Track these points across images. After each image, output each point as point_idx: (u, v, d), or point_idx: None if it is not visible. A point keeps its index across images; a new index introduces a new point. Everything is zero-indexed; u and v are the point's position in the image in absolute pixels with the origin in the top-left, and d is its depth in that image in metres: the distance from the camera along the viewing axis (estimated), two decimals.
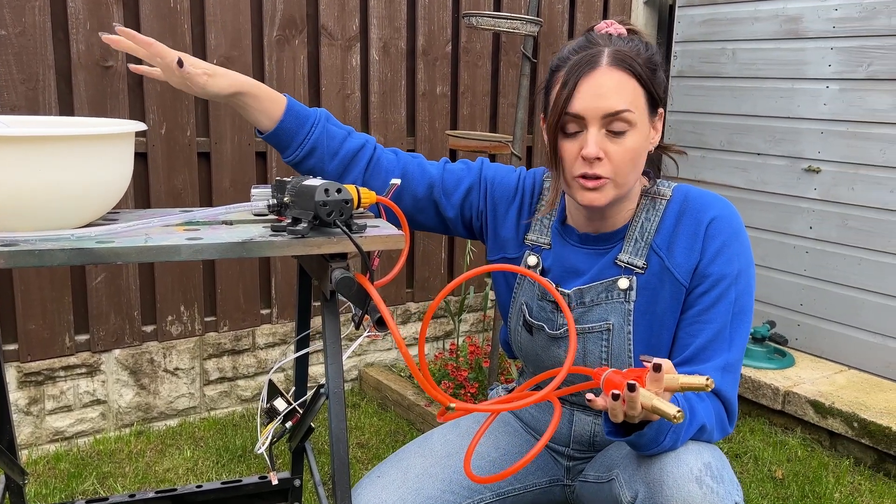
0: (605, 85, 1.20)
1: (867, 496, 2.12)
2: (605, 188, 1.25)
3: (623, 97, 1.21)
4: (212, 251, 0.99)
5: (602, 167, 1.22)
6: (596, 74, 1.21)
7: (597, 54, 1.22)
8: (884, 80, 2.52)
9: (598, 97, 1.20)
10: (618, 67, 1.21)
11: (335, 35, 2.61)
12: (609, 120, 1.21)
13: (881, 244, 2.57)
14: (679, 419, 1.01)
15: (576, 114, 1.21)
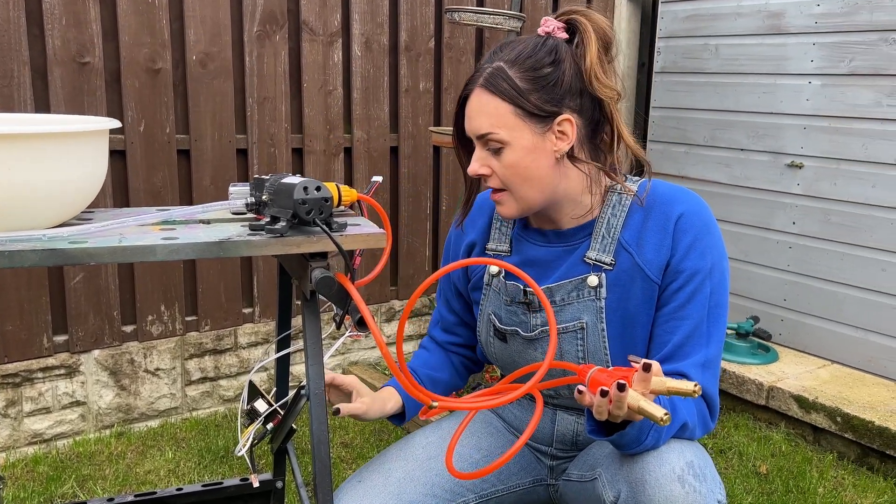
0: (473, 108, 1.26)
1: (850, 490, 2.13)
2: (506, 200, 1.30)
3: (486, 119, 1.25)
4: (188, 251, 0.97)
5: (493, 181, 1.29)
6: (472, 97, 1.27)
7: (476, 76, 1.27)
8: (865, 75, 2.53)
9: (468, 119, 1.27)
10: (485, 89, 1.25)
11: (317, 30, 2.58)
12: (483, 140, 1.26)
13: (863, 239, 2.58)
14: (666, 422, 1.00)
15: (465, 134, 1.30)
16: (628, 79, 3.41)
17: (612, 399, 1.05)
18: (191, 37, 2.37)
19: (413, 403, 1.46)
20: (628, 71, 3.41)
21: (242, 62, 2.48)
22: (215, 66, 2.42)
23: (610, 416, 1.08)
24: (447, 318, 1.56)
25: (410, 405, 1.45)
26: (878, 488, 2.14)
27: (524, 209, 1.30)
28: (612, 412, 1.06)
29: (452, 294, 1.55)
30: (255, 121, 2.52)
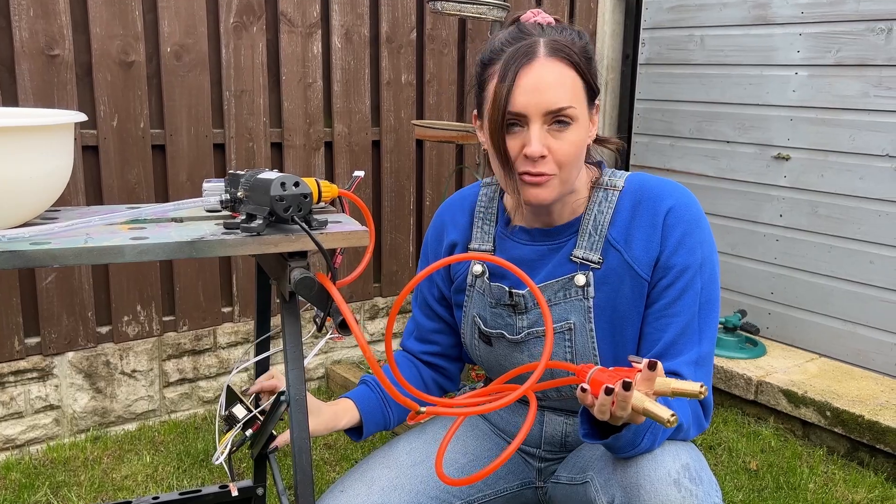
0: (545, 79, 1.13)
1: (841, 486, 2.11)
2: (551, 184, 1.19)
3: (564, 91, 1.15)
4: (158, 252, 0.92)
5: (546, 164, 1.17)
6: (535, 66, 1.14)
7: (532, 45, 1.15)
8: (852, 65, 2.50)
9: (538, 92, 1.13)
10: (556, 57, 1.15)
11: (295, 22, 2.52)
12: (551, 115, 1.15)
13: (851, 231, 2.56)
14: (672, 423, 0.95)
15: (517, 112, 1.14)
16: (612, 71, 3.37)
17: (616, 399, 1.00)
18: (165, 28, 2.29)
19: (373, 419, 1.39)
20: (613, 63, 3.37)
21: (219, 54, 2.41)
22: (191, 59, 2.35)
23: (611, 418, 1.03)
24: (425, 325, 1.49)
25: (369, 420, 1.39)
26: (869, 483, 2.12)
27: (562, 193, 1.21)
28: (616, 413, 1.01)
29: (434, 298, 1.48)
30: (233, 115, 2.45)
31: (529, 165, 1.16)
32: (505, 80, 1.14)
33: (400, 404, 1.45)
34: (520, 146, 1.17)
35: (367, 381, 1.45)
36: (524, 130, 1.16)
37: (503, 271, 1.35)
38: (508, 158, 1.18)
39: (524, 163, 1.17)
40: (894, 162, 2.43)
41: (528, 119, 1.15)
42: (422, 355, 1.52)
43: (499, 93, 1.15)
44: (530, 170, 1.17)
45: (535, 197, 1.19)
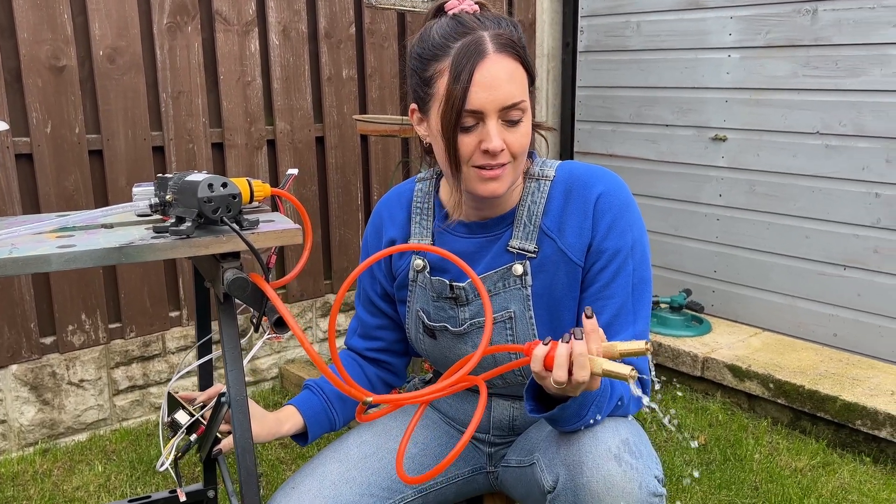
0: (499, 75, 1.15)
1: (785, 454, 2.18)
2: (504, 175, 1.21)
3: (516, 85, 1.17)
4: (85, 259, 0.91)
5: (503, 157, 1.19)
6: (487, 64, 1.15)
7: (480, 41, 1.16)
8: (781, 46, 2.57)
9: (494, 89, 1.15)
10: (504, 53, 1.16)
11: (231, 20, 2.49)
12: (506, 111, 1.17)
13: (787, 208, 2.63)
14: (634, 377, 0.97)
15: (474, 110, 1.16)
16: (553, 59, 3.41)
17: (574, 360, 1.01)
18: (96, 31, 2.25)
19: (317, 422, 1.40)
20: (553, 52, 3.41)
21: (153, 56, 2.37)
22: (124, 61, 2.31)
23: (569, 386, 1.04)
24: (368, 322, 1.50)
25: (314, 424, 1.39)
26: (811, 450, 2.20)
27: (512, 183, 1.23)
28: (575, 376, 1.02)
29: (377, 294, 1.49)
30: (171, 116, 2.42)
31: (488, 159, 1.18)
32: (459, 79, 1.15)
33: (345, 405, 1.46)
34: (476, 142, 1.18)
35: (309, 385, 1.46)
36: (479, 126, 1.17)
37: (444, 265, 1.36)
38: (461, 156, 1.19)
39: (482, 157, 1.18)
40: (824, 139, 2.51)
41: (484, 115, 1.16)
42: (366, 352, 1.53)
43: (454, 92, 1.15)
44: (490, 163, 1.18)
45: (492, 191, 1.21)
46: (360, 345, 1.53)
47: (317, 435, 1.43)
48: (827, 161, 2.51)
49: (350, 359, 1.53)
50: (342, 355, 1.54)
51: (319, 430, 1.43)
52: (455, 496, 1.53)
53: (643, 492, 1.14)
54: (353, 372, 1.50)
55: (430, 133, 1.26)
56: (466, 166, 1.20)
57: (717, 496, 1.97)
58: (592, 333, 1.03)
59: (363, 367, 1.52)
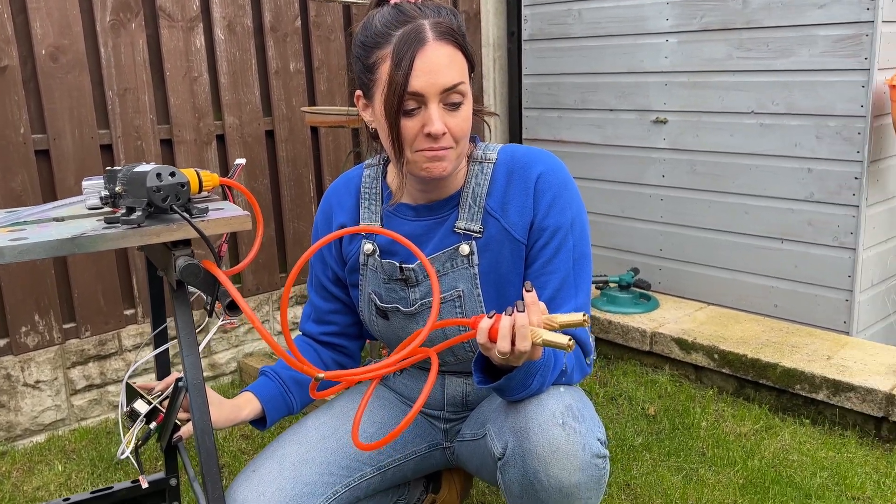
0: (439, 61, 1.21)
1: (730, 421, 2.28)
2: (449, 157, 1.27)
3: (455, 70, 1.23)
4: (38, 250, 0.93)
5: (445, 140, 1.24)
6: (427, 51, 1.21)
7: (420, 28, 1.22)
8: (716, 30, 2.67)
9: (434, 74, 1.20)
10: (444, 40, 1.22)
11: (175, 16, 2.49)
12: (446, 94, 1.22)
13: (727, 185, 2.74)
14: (571, 347, 1.03)
15: (415, 92, 1.21)
16: (499, 49, 3.46)
17: (516, 331, 1.06)
18: (37, 30, 2.24)
19: (275, 407, 1.44)
20: (498, 41, 3.46)
21: (98, 54, 2.36)
22: (68, 60, 2.30)
23: (511, 356, 1.10)
24: (321, 307, 1.54)
25: (272, 408, 1.43)
26: (755, 415, 2.30)
27: (457, 165, 1.30)
28: (518, 346, 1.07)
29: (329, 279, 1.53)
30: (118, 114, 2.41)
31: (431, 142, 1.24)
32: (401, 65, 1.20)
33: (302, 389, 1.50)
34: (419, 126, 1.23)
35: (265, 371, 1.49)
36: (422, 111, 1.22)
37: (393, 248, 1.41)
38: (404, 139, 1.24)
39: (425, 140, 1.24)
40: (759, 118, 2.61)
41: (425, 99, 1.21)
42: (321, 336, 1.57)
43: (395, 78, 1.20)
44: (433, 146, 1.24)
45: (439, 172, 1.26)
46: (315, 329, 1.57)
47: (275, 419, 1.46)
48: (762, 139, 2.62)
49: (305, 343, 1.57)
50: (297, 341, 1.58)
51: (277, 415, 1.47)
52: (413, 472, 1.58)
53: (586, 453, 1.20)
54: (308, 356, 1.54)
55: (374, 118, 1.30)
56: (410, 150, 1.25)
57: (666, 462, 2.05)
58: (532, 306, 1.09)
59: (318, 351, 1.56)
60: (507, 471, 1.25)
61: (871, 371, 2.22)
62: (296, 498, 1.35)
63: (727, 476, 1.98)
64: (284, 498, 1.33)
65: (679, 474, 2.00)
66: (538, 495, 1.22)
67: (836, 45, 2.39)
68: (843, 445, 2.12)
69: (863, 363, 2.28)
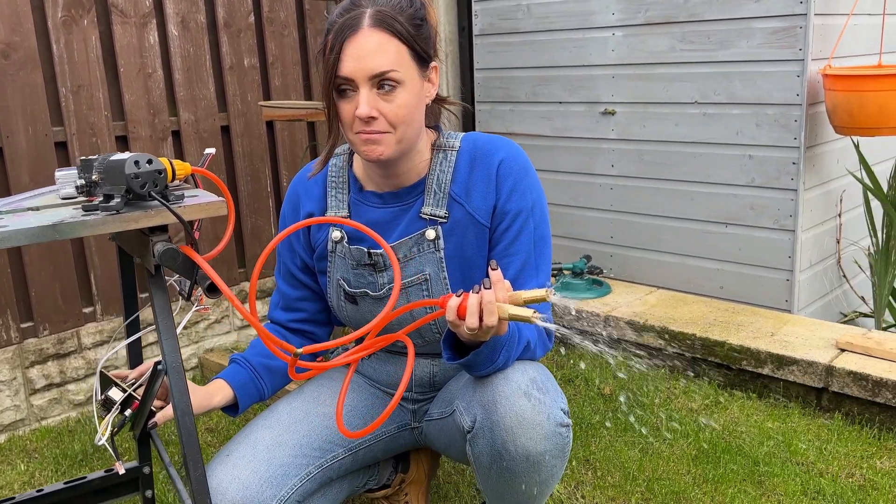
0: (366, 47, 1.25)
1: (682, 397, 2.39)
2: (386, 141, 1.30)
3: (386, 57, 1.26)
4: (20, 237, 0.96)
5: (378, 124, 1.29)
6: (358, 37, 1.26)
7: (359, 16, 1.27)
8: (659, 24, 2.77)
9: (361, 59, 1.25)
10: (378, 28, 1.27)
11: (127, 12, 2.49)
12: (376, 80, 1.27)
13: (673, 173, 2.84)
14: (536, 319, 1.10)
15: (345, 77, 1.27)
16: (451, 43, 3.52)
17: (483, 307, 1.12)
18: None
19: (246, 393, 1.47)
20: (450, 36, 3.52)
21: (50, 50, 2.34)
22: (19, 57, 2.28)
23: (480, 332, 1.15)
24: (290, 294, 1.58)
25: (243, 395, 1.46)
26: (705, 391, 2.41)
27: (401, 151, 1.33)
28: (486, 321, 1.13)
29: (297, 267, 1.57)
30: (72, 111, 2.40)
31: (363, 125, 1.29)
32: (332, 50, 1.26)
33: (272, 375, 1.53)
34: (353, 109, 1.28)
35: (235, 359, 1.52)
36: (356, 95, 1.27)
37: (361, 235, 1.46)
38: (341, 120, 1.30)
39: (359, 124, 1.29)
40: (702, 108, 2.73)
41: (356, 84, 1.27)
42: (290, 323, 1.60)
43: (327, 61, 1.27)
44: (365, 129, 1.29)
45: (372, 153, 1.31)
46: (283, 317, 1.60)
47: (246, 405, 1.50)
48: (705, 128, 2.73)
49: (274, 331, 1.60)
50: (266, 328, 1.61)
51: (249, 401, 1.50)
52: (384, 453, 1.63)
53: (551, 423, 1.27)
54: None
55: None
56: (351, 132, 1.31)
57: (622, 438, 2.14)
58: (498, 283, 1.15)
59: (287, 338, 1.59)
60: (476, 443, 1.31)
61: (812, 346, 2.35)
62: (270, 479, 1.38)
63: (680, 448, 2.08)
64: (259, 479, 1.37)
65: (635, 448, 2.09)
66: (506, 465, 1.29)
67: (772, 36, 2.51)
68: (787, 416, 2.24)
69: (804, 338, 2.40)
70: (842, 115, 2.45)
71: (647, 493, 1.88)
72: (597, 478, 1.96)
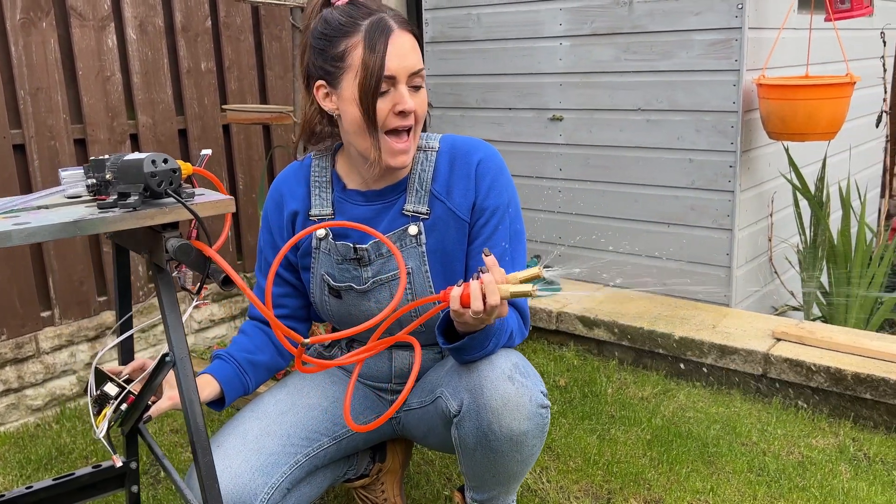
0: (406, 46, 1.36)
1: (632, 387, 2.52)
2: (411, 143, 1.42)
3: (418, 56, 1.38)
4: (44, 233, 1.00)
5: (411, 119, 1.39)
6: (396, 37, 1.35)
7: (385, 18, 1.36)
8: (605, 34, 2.92)
9: (403, 57, 1.35)
10: (406, 30, 1.38)
11: (86, 15, 2.48)
12: (413, 77, 1.37)
13: (617, 177, 3.00)
14: (535, 293, 1.20)
15: (390, 74, 1.35)
16: None
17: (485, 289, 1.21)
18: None
19: (232, 388, 1.51)
20: None
21: (8, 52, 2.33)
22: None
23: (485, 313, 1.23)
24: (273, 291, 1.61)
25: (230, 389, 1.51)
26: (653, 381, 2.56)
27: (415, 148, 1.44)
28: (489, 301, 1.21)
29: (281, 265, 1.62)
30: (30, 114, 2.38)
31: (402, 121, 1.37)
32: (375, 49, 1.33)
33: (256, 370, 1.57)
34: (389, 106, 1.37)
35: (220, 355, 1.57)
36: (392, 92, 1.36)
37: (345, 230, 1.53)
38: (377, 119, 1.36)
39: (396, 119, 1.37)
40: (645, 115, 2.88)
41: (396, 81, 1.36)
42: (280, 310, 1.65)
43: (370, 61, 1.33)
44: (402, 124, 1.38)
45: (401, 162, 1.41)
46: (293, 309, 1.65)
47: (232, 399, 1.54)
48: (649, 134, 2.89)
49: (255, 328, 1.65)
50: (247, 326, 1.66)
51: (235, 395, 1.55)
52: (364, 442, 1.70)
53: (533, 404, 1.37)
54: (259, 339, 1.62)
55: (340, 105, 1.41)
56: (380, 132, 1.38)
57: (581, 426, 2.26)
58: (494, 267, 1.24)
59: (269, 334, 1.64)
60: (462, 426, 1.40)
61: (750, 336, 2.52)
62: (261, 468, 1.43)
63: (635, 434, 2.21)
64: (250, 469, 1.42)
65: (593, 435, 2.21)
66: (491, 445, 1.38)
67: (710, 48, 2.69)
68: (730, 401, 2.40)
69: (742, 329, 2.58)
70: (774, 121, 2.65)
71: (608, 475, 2.00)
72: (560, 463, 2.07)
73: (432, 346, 1.62)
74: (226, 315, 3.05)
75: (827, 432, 2.21)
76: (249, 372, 1.57)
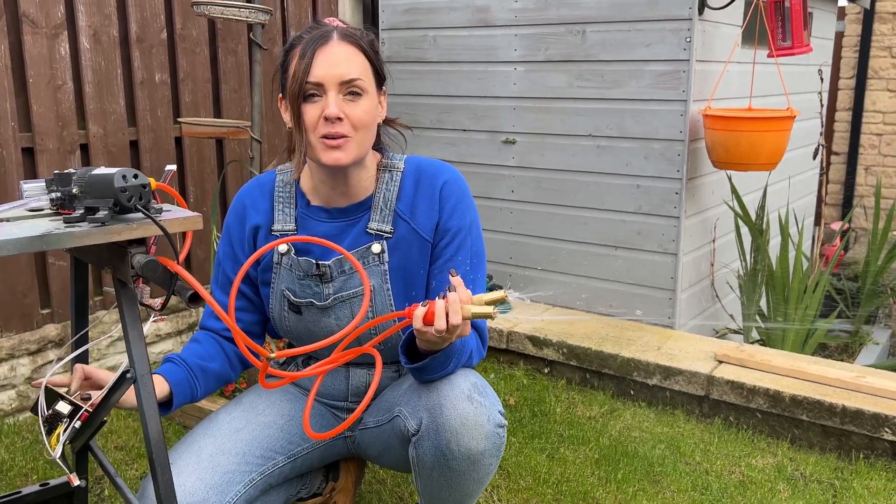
0: (339, 55, 1.40)
1: (580, 406, 2.58)
2: (348, 146, 1.42)
3: (354, 66, 1.41)
4: (10, 247, 0.98)
5: (342, 126, 1.40)
6: (330, 46, 1.40)
7: (328, 31, 1.42)
8: (558, 62, 3.00)
9: (333, 66, 1.39)
10: (347, 41, 1.42)
11: (39, 23, 2.44)
12: (345, 86, 1.39)
13: (568, 200, 3.07)
14: (496, 315, 1.23)
15: (315, 81, 1.38)
16: None
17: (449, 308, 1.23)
18: None
19: (181, 391, 1.49)
20: None
21: None
22: None
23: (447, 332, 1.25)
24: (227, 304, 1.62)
25: (179, 392, 1.48)
26: (600, 400, 2.61)
27: (358, 156, 1.44)
28: (452, 321, 1.23)
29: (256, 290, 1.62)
30: None
31: (329, 127, 1.39)
32: (304, 56, 1.38)
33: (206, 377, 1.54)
34: (319, 112, 1.39)
35: (171, 358, 1.54)
36: (322, 99, 1.39)
37: (308, 246, 1.54)
38: (305, 124, 1.40)
39: (324, 126, 1.39)
40: (596, 140, 2.96)
41: (325, 88, 1.39)
42: (225, 332, 1.63)
43: (298, 67, 1.39)
44: (329, 131, 1.39)
45: (333, 159, 1.41)
46: (219, 325, 1.63)
47: (180, 403, 1.50)
48: (599, 159, 2.97)
49: (208, 337, 1.62)
50: (200, 335, 1.64)
51: (182, 399, 1.50)
52: (319, 461, 1.70)
53: (490, 424, 1.40)
54: (212, 348, 1.60)
55: (288, 114, 1.45)
56: (313, 136, 1.41)
57: (531, 445, 2.30)
58: (460, 287, 1.27)
59: (222, 345, 1.62)
60: (421, 445, 1.41)
61: (693, 358, 2.60)
62: (216, 486, 1.42)
63: (583, 453, 2.26)
64: (205, 486, 1.41)
65: (543, 454, 2.25)
66: (449, 464, 1.40)
67: (659, 78, 2.78)
68: (674, 422, 2.47)
69: (686, 351, 2.66)
70: (719, 151, 2.75)
71: (558, 494, 2.04)
72: (511, 482, 2.10)
73: (390, 365, 1.64)
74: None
75: (766, 452, 2.30)
76: (200, 378, 1.54)
